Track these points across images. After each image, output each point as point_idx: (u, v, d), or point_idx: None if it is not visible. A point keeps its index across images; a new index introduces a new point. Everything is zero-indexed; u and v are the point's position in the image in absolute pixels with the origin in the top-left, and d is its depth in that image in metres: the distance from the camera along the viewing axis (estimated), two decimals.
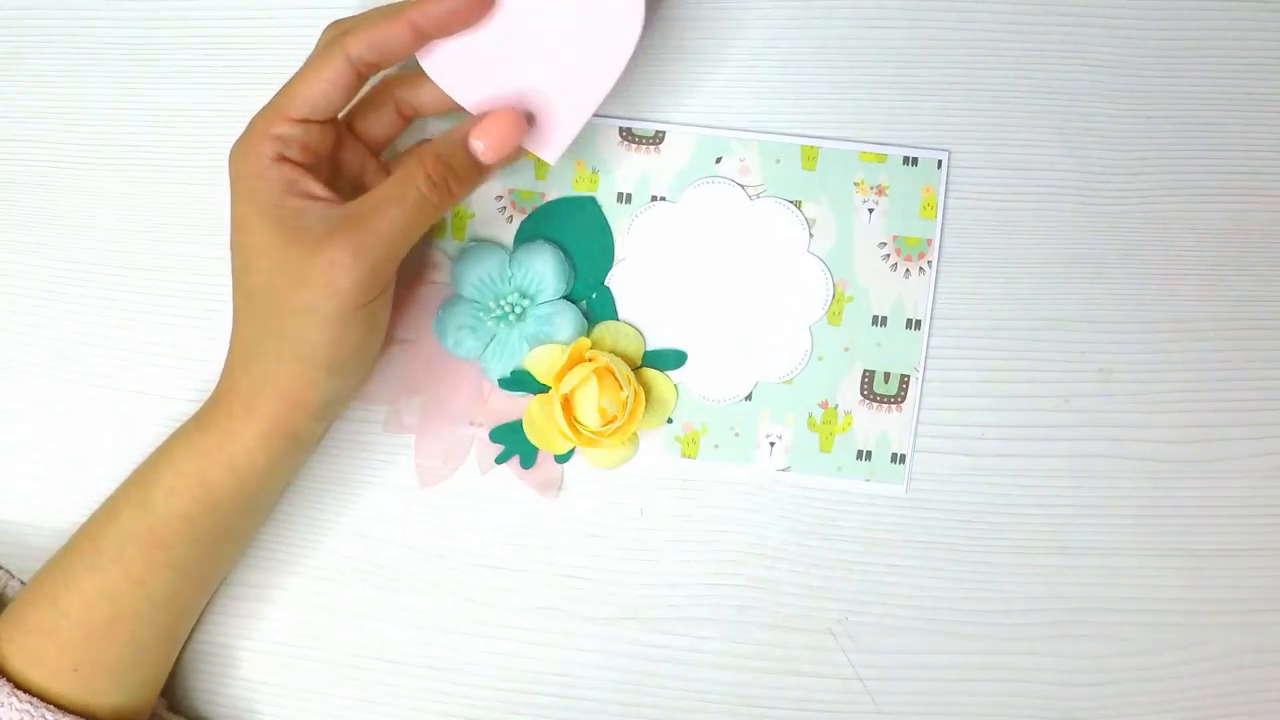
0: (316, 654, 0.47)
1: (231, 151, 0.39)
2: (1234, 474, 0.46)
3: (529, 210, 0.46)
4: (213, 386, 0.47)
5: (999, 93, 0.46)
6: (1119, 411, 0.46)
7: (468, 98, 0.41)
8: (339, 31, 0.39)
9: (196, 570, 0.41)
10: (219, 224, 0.48)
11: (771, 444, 0.46)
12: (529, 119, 0.41)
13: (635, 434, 0.46)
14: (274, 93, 0.40)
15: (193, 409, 0.47)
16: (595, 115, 0.46)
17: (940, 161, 0.46)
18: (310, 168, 0.39)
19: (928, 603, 0.46)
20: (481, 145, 0.39)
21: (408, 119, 0.43)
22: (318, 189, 0.39)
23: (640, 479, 0.47)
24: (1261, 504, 0.46)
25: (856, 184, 0.46)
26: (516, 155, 0.42)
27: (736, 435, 0.46)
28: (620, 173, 0.46)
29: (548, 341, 0.45)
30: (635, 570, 0.46)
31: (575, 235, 0.46)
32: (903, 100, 0.46)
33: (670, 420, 0.46)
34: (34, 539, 0.47)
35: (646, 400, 0.45)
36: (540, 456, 0.46)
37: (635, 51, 0.41)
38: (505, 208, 0.47)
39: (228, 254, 0.47)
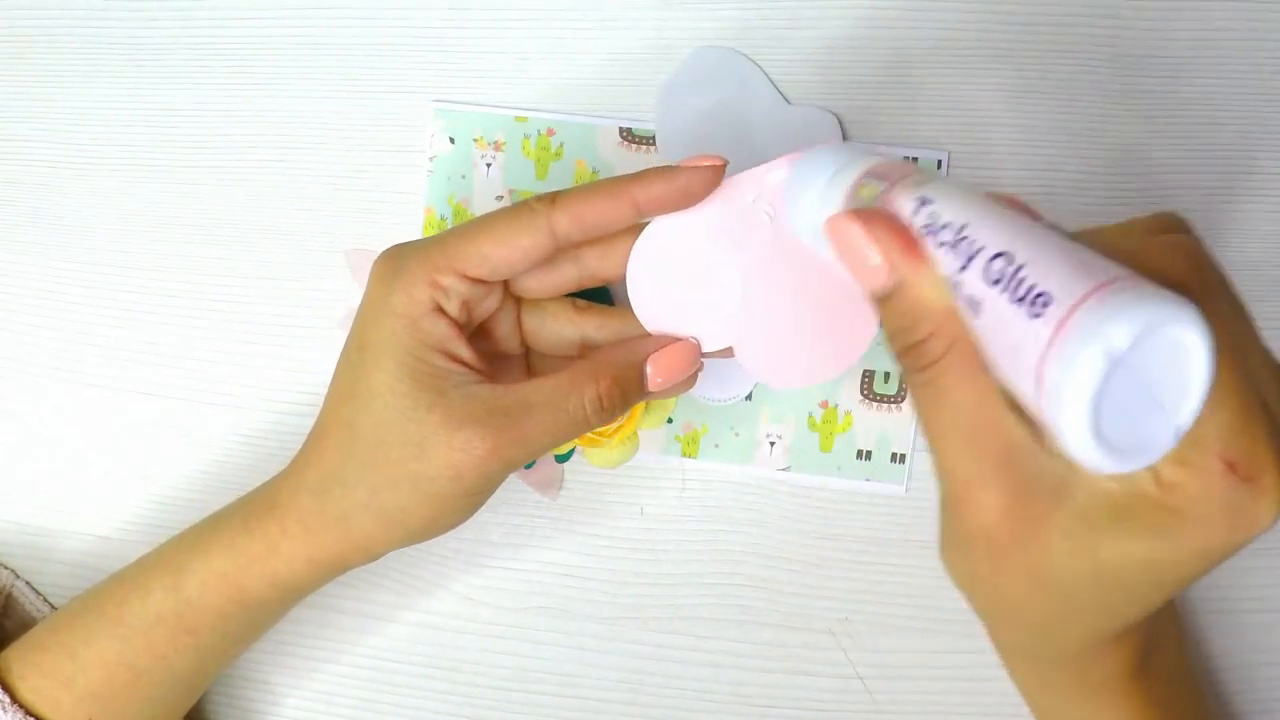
0: (317, 654, 0.47)
1: (381, 265, 0.35)
2: None
3: None
4: (212, 386, 0.47)
5: (999, 93, 0.46)
6: None
7: (654, 323, 0.36)
8: (544, 201, 0.35)
9: (223, 654, 0.40)
10: (219, 224, 0.48)
11: (771, 444, 0.46)
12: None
13: (635, 434, 0.46)
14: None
15: (192, 409, 0.47)
16: (595, 116, 0.46)
17: (940, 161, 0.46)
18: (463, 325, 0.35)
19: (928, 603, 0.46)
20: (654, 373, 0.35)
21: (581, 287, 0.38)
22: (465, 353, 0.35)
23: (640, 479, 0.47)
24: None
25: None
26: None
27: (736, 435, 0.46)
28: (619, 172, 0.46)
29: None
30: (635, 570, 0.46)
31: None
32: (903, 100, 0.46)
33: (670, 420, 0.46)
34: (35, 539, 0.47)
35: (647, 400, 0.45)
36: (540, 456, 0.46)
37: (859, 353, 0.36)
38: None
39: (228, 253, 0.47)
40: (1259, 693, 0.46)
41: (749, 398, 0.46)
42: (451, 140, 0.47)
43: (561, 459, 0.46)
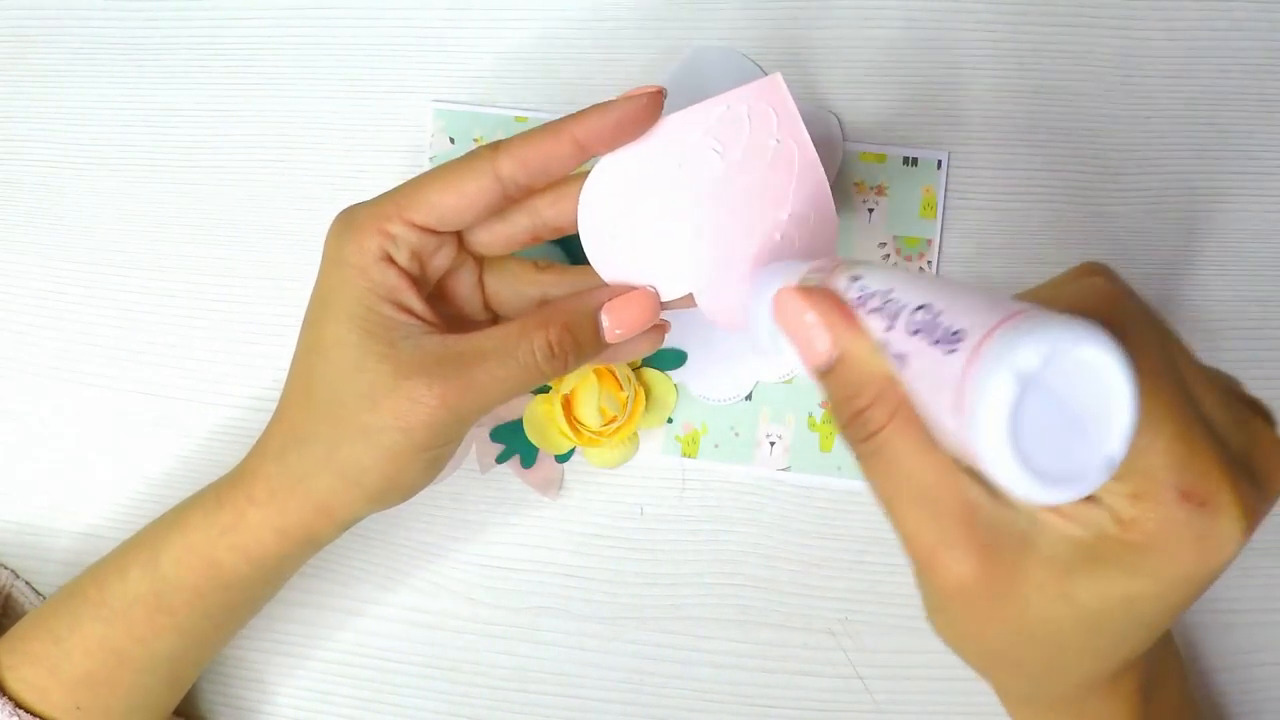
0: (317, 653, 0.47)
1: (335, 222, 0.36)
2: None
3: None
4: (212, 386, 0.47)
5: (999, 93, 0.46)
6: None
7: (610, 271, 0.36)
8: (489, 147, 0.34)
9: (204, 637, 0.40)
10: (219, 224, 0.48)
11: (771, 444, 0.46)
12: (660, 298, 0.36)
13: (635, 434, 0.46)
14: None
15: (192, 409, 0.47)
16: None
17: (940, 161, 0.46)
18: (415, 279, 0.35)
19: None
20: (611, 324, 0.35)
21: (538, 240, 0.37)
22: (416, 304, 0.35)
23: (640, 479, 0.47)
24: None
25: (856, 184, 0.46)
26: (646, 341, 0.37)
27: (736, 435, 0.46)
28: None
29: None
30: (635, 570, 0.46)
31: (575, 235, 0.46)
32: (903, 100, 0.46)
33: (670, 420, 0.46)
34: (35, 538, 0.47)
35: (646, 400, 0.45)
36: (540, 456, 0.46)
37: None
38: None
39: (228, 253, 0.48)
40: (1251, 694, 0.46)
41: (749, 398, 0.46)
42: (451, 140, 0.47)
43: (561, 459, 0.46)
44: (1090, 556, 0.25)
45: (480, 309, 0.39)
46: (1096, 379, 0.22)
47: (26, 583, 0.47)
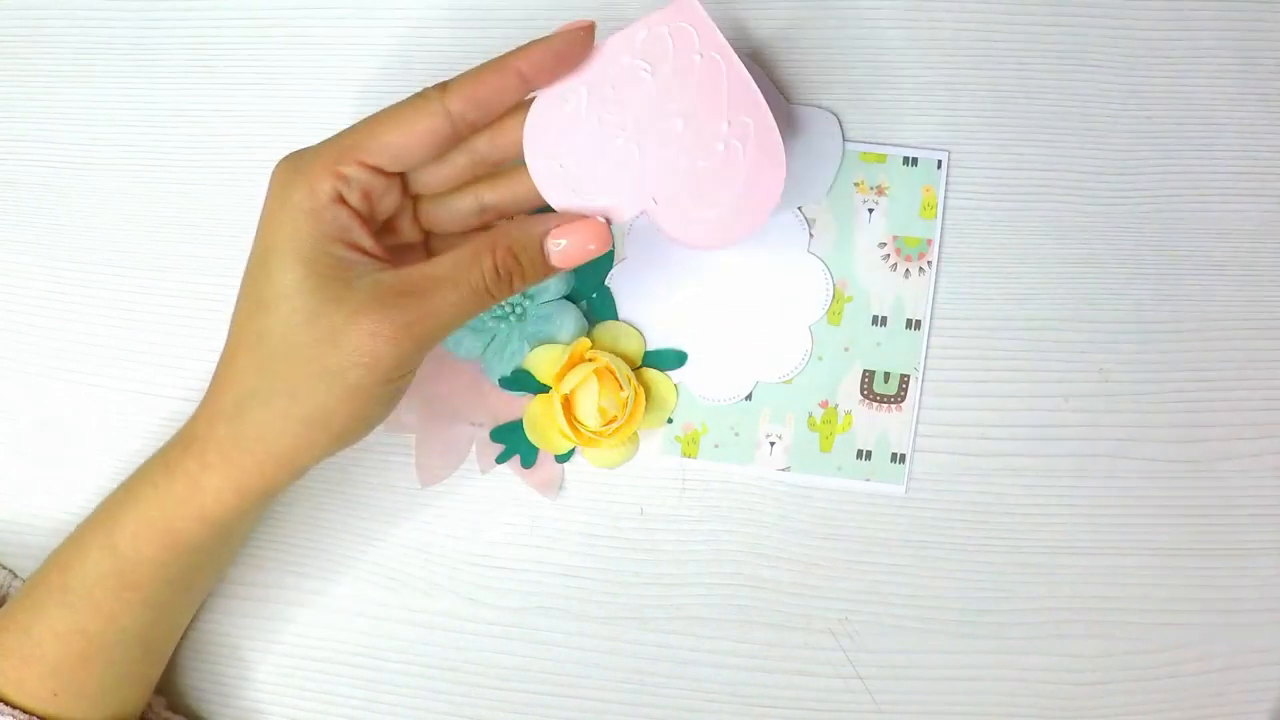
0: (317, 653, 0.47)
1: (280, 168, 0.36)
2: (1234, 474, 0.46)
3: (529, 210, 0.46)
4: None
5: (999, 93, 0.46)
6: (1118, 411, 0.46)
7: (560, 199, 0.37)
8: (437, 87, 0.36)
9: (171, 605, 0.40)
10: (219, 224, 0.48)
11: (771, 444, 0.46)
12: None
13: (635, 434, 0.46)
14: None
15: (192, 409, 0.47)
16: None
17: (940, 161, 0.46)
18: (365, 217, 0.36)
19: (928, 603, 0.46)
20: (559, 248, 0.36)
21: (476, 176, 0.39)
22: (367, 242, 0.36)
23: (640, 479, 0.47)
24: (1261, 504, 0.46)
25: (856, 184, 0.46)
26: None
27: (736, 435, 0.46)
28: None
29: (548, 341, 0.45)
30: (635, 570, 0.46)
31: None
32: (903, 100, 0.46)
33: (670, 420, 0.46)
34: (34, 538, 0.47)
35: (646, 400, 0.45)
36: (540, 456, 0.46)
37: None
38: None
39: (228, 253, 0.47)
40: (1251, 694, 0.46)
41: (749, 398, 0.46)
42: None
43: (561, 459, 0.46)
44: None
45: (416, 233, 0.40)
46: None
47: (24, 581, 0.46)
